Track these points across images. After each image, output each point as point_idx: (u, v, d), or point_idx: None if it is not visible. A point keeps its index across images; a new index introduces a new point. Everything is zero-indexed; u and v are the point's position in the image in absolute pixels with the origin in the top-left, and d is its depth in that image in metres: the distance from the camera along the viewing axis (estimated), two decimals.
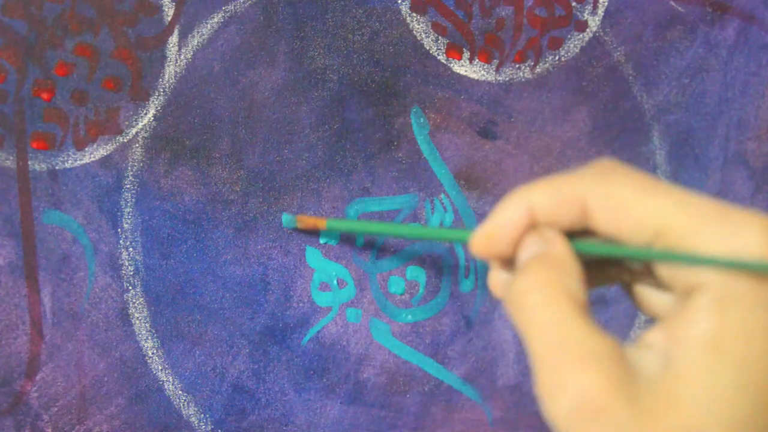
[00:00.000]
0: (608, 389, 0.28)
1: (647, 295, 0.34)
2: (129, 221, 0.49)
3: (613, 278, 0.36)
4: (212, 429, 0.51)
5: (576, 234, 0.33)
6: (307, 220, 0.51)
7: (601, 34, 0.56)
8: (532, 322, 0.30)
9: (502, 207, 0.33)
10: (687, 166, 0.59)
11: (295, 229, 0.52)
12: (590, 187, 0.31)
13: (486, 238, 0.34)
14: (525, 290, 0.31)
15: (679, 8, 0.57)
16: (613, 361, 0.29)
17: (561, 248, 0.32)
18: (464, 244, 0.38)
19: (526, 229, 0.33)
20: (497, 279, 0.36)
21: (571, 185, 0.32)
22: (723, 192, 0.60)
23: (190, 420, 0.50)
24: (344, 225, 0.51)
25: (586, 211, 0.32)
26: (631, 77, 0.57)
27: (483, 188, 0.54)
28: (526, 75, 0.54)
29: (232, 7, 0.49)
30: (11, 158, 0.46)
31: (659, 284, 0.33)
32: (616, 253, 0.32)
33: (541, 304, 0.30)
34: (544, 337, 0.30)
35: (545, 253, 0.32)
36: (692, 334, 0.29)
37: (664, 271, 0.31)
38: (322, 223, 0.50)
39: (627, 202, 0.30)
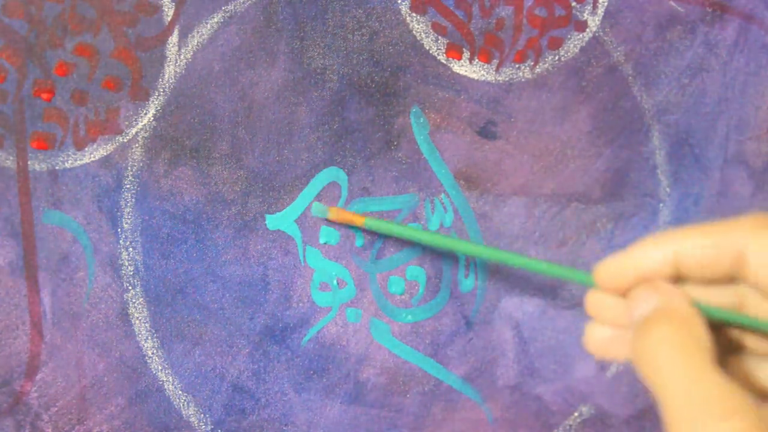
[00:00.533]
0: None
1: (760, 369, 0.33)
2: (129, 221, 0.48)
3: (729, 346, 0.35)
4: (212, 429, 0.50)
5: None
6: (343, 214, 0.50)
7: (601, 34, 0.55)
8: (667, 377, 0.29)
9: (645, 243, 0.32)
10: (687, 166, 0.58)
11: (324, 220, 0.51)
12: (751, 236, 0.30)
13: (615, 268, 0.33)
14: (655, 344, 0.30)
15: (679, 8, 0.56)
16: (753, 416, 0.28)
17: (682, 301, 0.31)
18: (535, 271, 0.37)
19: (667, 274, 0.32)
20: (598, 335, 0.35)
21: (727, 234, 0.31)
22: (722, 192, 0.59)
23: (190, 420, 0.50)
24: (383, 226, 0.50)
25: (742, 263, 0.30)
26: (630, 77, 0.56)
27: (483, 188, 0.54)
28: (526, 75, 0.54)
29: (232, 7, 0.49)
30: (11, 158, 0.46)
31: None
32: (738, 321, 0.31)
33: (673, 358, 0.29)
34: (680, 388, 0.29)
35: (668, 307, 0.31)
36: None
37: None
38: (360, 220, 0.49)
39: None
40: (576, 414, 0.56)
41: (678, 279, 0.33)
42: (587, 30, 0.55)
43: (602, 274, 0.34)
